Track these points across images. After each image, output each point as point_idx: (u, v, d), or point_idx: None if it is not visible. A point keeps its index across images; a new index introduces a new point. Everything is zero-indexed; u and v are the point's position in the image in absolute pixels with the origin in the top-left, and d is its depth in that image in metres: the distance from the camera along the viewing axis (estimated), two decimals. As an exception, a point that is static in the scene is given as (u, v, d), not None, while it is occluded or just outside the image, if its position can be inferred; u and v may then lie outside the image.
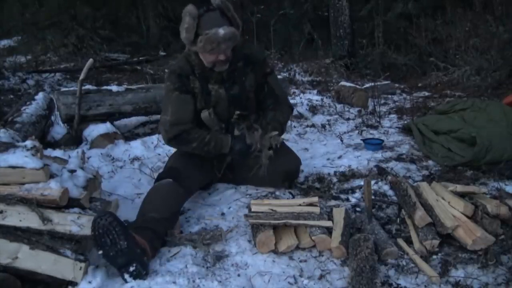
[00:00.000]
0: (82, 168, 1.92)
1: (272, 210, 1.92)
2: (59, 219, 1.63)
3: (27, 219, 1.60)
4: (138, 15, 9.61)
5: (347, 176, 2.54)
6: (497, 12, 5.85)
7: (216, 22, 1.98)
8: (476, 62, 5.31)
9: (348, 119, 3.94)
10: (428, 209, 1.91)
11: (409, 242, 1.85)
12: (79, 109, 3.20)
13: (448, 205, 1.93)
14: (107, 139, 3.06)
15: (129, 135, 3.45)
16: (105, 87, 3.56)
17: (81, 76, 3.24)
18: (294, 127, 3.60)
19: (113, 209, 2.02)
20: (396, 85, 5.60)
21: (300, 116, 3.92)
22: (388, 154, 2.90)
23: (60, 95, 3.29)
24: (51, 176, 1.74)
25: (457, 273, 1.65)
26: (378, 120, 3.78)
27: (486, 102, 3.25)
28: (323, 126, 3.66)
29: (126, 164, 2.80)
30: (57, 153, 2.39)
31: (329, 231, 1.84)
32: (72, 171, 1.83)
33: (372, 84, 4.69)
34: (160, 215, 1.85)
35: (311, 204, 1.98)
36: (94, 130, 3.13)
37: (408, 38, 6.92)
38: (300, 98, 4.57)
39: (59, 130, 3.34)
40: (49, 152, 2.48)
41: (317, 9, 9.55)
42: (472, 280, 1.60)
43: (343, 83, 4.94)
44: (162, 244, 1.84)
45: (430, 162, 2.74)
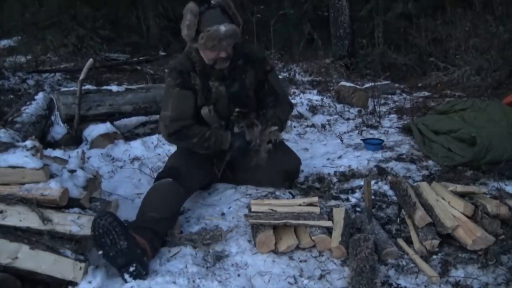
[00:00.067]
0: (82, 168, 1.92)
1: (272, 210, 1.92)
2: (59, 219, 1.63)
3: (27, 219, 1.60)
4: (138, 15, 9.61)
5: (347, 176, 2.54)
6: (497, 12, 5.85)
7: (217, 19, 1.99)
8: (476, 62, 5.31)
9: (348, 119, 3.94)
10: (428, 209, 1.91)
11: (409, 242, 1.85)
12: (79, 109, 3.20)
13: (448, 205, 1.93)
14: (107, 139, 3.06)
15: (129, 135, 3.44)
16: (105, 87, 3.56)
17: (81, 76, 3.24)
18: (294, 127, 3.60)
19: (113, 209, 2.02)
20: (396, 85, 5.60)
21: (300, 116, 3.92)
22: (388, 154, 2.90)
23: (60, 95, 3.29)
24: (51, 176, 1.74)
25: (457, 273, 1.65)
26: (378, 120, 3.78)
27: (486, 102, 3.25)
28: (323, 126, 3.66)
29: (126, 164, 2.80)
30: (57, 153, 2.38)
31: (329, 231, 1.84)
32: (72, 171, 1.82)
33: (372, 84, 4.69)
34: (160, 215, 1.85)
35: (311, 204, 1.98)
36: (94, 130, 3.13)
37: (408, 38, 6.91)
38: (300, 98, 4.57)
39: (59, 130, 3.34)
40: (49, 152, 2.48)
41: (317, 9, 9.54)
42: (472, 280, 1.60)
43: (343, 83, 4.94)
44: (162, 244, 1.84)
45: (430, 162, 2.74)
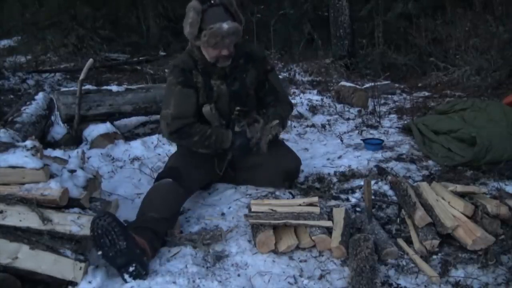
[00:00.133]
0: (82, 168, 1.92)
1: (272, 210, 1.92)
2: (59, 219, 1.63)
3: (27, 219, 1.60)
4: (138, 15, 9.60)
5: (347, 176, 2.54)
6: (497, 12, 5.84)
7: (220, 17, 2.01)
8: (476, 62, 5.31)
9: (348, 119, 3.94)
10: (428, 209, 1.91)
11: (409, 242, 1.85)
12: (79, 109, 3.20)
13: (448, 205, 1.92)
14: (107, 139, 3.06)
15: (129, 135, 3.44)
16: (105, 87, 3.56)
17: (81, 76, 3.24)
18: (294, 127, 3.60)
19: (113, 209, 2.02)
20: (396, 85, 5.60)
21: (300, 116, 3.92)
22: (388, 154, 2.90)
23: (60, 95, 3.29)
24: (51, 176, 1.74)
25: (457, 273, 1.65)
26: (378, 120, 3.78)
27: (486, 102, 3.25)
28: (323, 126, 3.66)
29: (126, 164, 2.80)
30: (57, 153, 2.39)
31: (329, 231, 1.84)
32: (72, 171, 1.83)
33: (372, 84, 4.69)
34: (160, 215, 1.85)
35: (311, 204, 1.98)
36: (94, 130, 3.13)
37: (408, 38, 6.91)
38: (300, 98, 4.57)
39: (59, 130, 3.34)
40: (49, 152, 2.48)
41: (317, 9, 9.54)
42: (472, 280, 1.60)
43: (343, 83, 4.94)
44: (162, 244, 1.84)
45: (430, 162, 2.74)
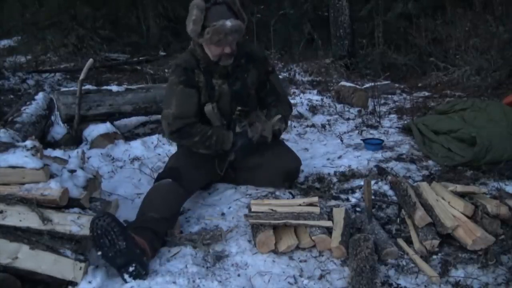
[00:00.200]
0: (82, 168, 1.92)
1: (272, 210, 1.92)
2: (59, 219, 1.63)
3: (27, 219, 1.60)
4: (138, 15, 9.60)
5: (347, 176, 2.54)
6: (497, 12, 5.84)
7: (223, 15, 2.02)
8: (476, 62, 5.31)
9: (348, 119, 3.94)
10: (428, 209, 1.91)
11: (409, 242, 1.85)
12: (79, 109, 3.20)
13: (448, 205, 1.92)
14: (107, 139, 3.06)
15: (129, 135, 3.44)
16: (105, 87, 3.56)
17: (81, 76, 3.24)
18: (294, 127, 3.60)
19: (113, 209, 2.02)
20: (396, 85, 5.60)
21: (300, 116, 3.92)
22: (388, 154, 2.90)
23: (60, 95, 3.29)
24: (51, 176, 1.74)
25: (457, 273, 1.65)
26: (378, 120, 3.78)
27: (486, 102, 3.25)
28: (323, 126, 3.66)
29: (126, 164, 2.80)
30: (57, 153, 2.38)
31: (329, 231, 1.84)
32: (72, 171, 1.82)
33: (372, 84, 4.69)
34: (160, 215, 1.85)
35: (311, 204, 1.98)
36: (94, 130, 3.13)
37: (408, 38, 6.91)
38: (300, 98, 4.57)
39: (59, 130, 3.34)
40: (49, 152, 2.48)
41: (317, 9, 9.54)
42: (472, 280, 1.60)
43: (343, 83, 4.94)
44: (162, 244, 1.84)
45: (430, 162, 2.74)
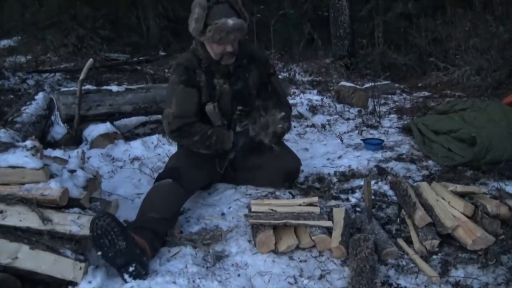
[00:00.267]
0: (82, 168, 1.92)
1: (272, 210, 1.92)
2: (59, 219, 1.63)
3: (27, 219, 1.60)
4: (138, 15, 9.60)
5: (347, 176, 2.54)
6: (497, 12, 5.84)
7: (225, 13, 2.03)
8: (476, 62, 5.31)
9: (348, 119, 3.94)
10: (428, 209, 1.91)
11: (409, 242, 1.85)
12: (79, 109, 3.20)
13: (448, 205, 1.92)
14: (107, 139, 3.06)
15: (129, 135, 3.44)
16: (105, 87, 3.56)
17: (81, 76, 3.24)
18: (294, 127, 3.60)
19: (113, 209, 2.02)
20: (396, 85, 5.60)
21: (300, 116, 3.92)
22: (388, 154, 2.90)
23: (60, 95, 3.29)
24: (51, 176, 1.74)
25: (457, 273, 1.65)
26: (378, 120, 3.78)
27: (486, 102, 3.25)
28: (323, 126, 3.66)
29: (126, 164, 2.80)
30: (57, 153, 2.39)
31: (329, 231, 1.84)
32: (72, 171, 1.82)
33: (372, 84, 4.69)
34: (160, 215, 1.85)
35: (311, 204, 1.98)
36: (94, 130, 3.13)
37: (408, 38, 6.91)
38: (300, 98, 4.57)
39: (59, 130, 3.34)
40: (49, 152, 2.48)
41: (317, 9, 9.54)
42: (472, 280, 1.60)
43: (343, 83, 4.94)
44: (162, 244, 1.84)
45: (430, 162, 2.74)
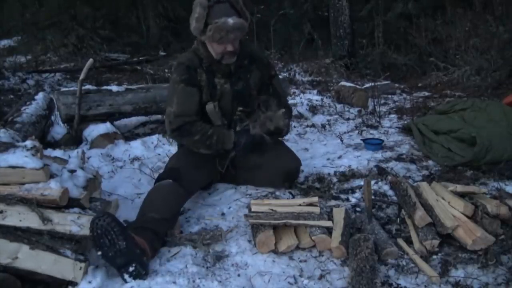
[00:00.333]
0: (82, 168, 1.92)
1: (272, 210, 1.92)
2: (59, 219, 1.63)
3: (27, 219, 1.60)
4: (138, 15, 9.60)
5: (347, 176, 2.54)
6: (497, 12, 5.85)
7: (225, 12, 2.04)
8: (476, 62, 5.31)
9: (348, 119, 3.94)
10: (428, 209, 1.91)
11: (409, 242, 1.85)
12: (79, 109, 3.20)
13: (448, 205, 1.92)
14: (107, 139, 3.06)
15: (129, 135, 3.44)
16: (105, 87, 3.56)
17: (81, 76, 3.24)
18: (294, 127, 3.60)
19: (113, 209, 2.02)
20: (396, 85, 5.60)
21: (300, 116, 3.92)
22: (388, 154, 2.90)
23: (60, 95, 3.29)
24: (51, 176, 1.74)
25: (457, 273, 1.65)
26: (378, 120, 3.78)
27: (486, 102, 3.25)
28: (323, 126, 3.66)
29: (126, 164, 2.80)
30: (57, 153, 2.39)
31: (329, 231, 1.84)
32: (72, 171, 1.82)
33: (372, 84, 4.69)
34: (161, 216, 1.85)
35: (311, 204, 1.98)
36: (94, 130, 3.13)
37: (408, 38, 6.91)
38: (300, 98, 4.57)
39: (59, 130, 3.34)
40: (49, 152, 2.48)
41: (317, 9, 9.54)
42: (472, 280, 1.60)
43: (343, 83, 4.94)
44: (162, 244, 1.83)
45: (430, 162, 2.74)
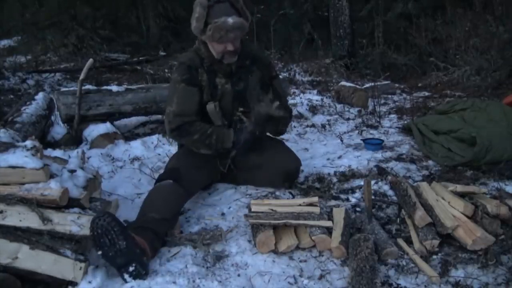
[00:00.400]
0: (82, 168, 1.92)
1: (272, 210, 1.92)
2: (59, 219, 1.63)
3: (27, 219, 1.60)
4: (138, 15, 9.60)
5: (347, 176, 2.54)
6: (497, 12, 5.85)
7: (225, 12, 2.04)
8: (476, 62, 5.31)
9: (348, 119, 3.94)
10: (428, 209, 1.91)
11: (409, 242, 1.85)
12: (79, 109, 3.20)
13: (448, 205, 1.92)
14: (107, 139, 3.06)
15: (129, 135, 3.44)
16: (105, 87, 3.56)
17: (81, 76, 3.24)
18: (294, 127, 3.60)
19: (113, 209, 2.02)
20: (396, 85, 5.60)
21: (300, 116, 3.92)
22: (388, 154, 2.90)
23: (60, 95, 3.29)
24: (51, 176, 1.74)
25: (457, 273, 1.65)
26: (378, 120, 3.78)
27: (486, 102, 3.25)
28: (323, 126, 3.66)
29: (126, 164, 2.80)
30: (57, 153, 2.39)
31: (329, 231, 1.84)
32: (72, 171, 1.82)
33: (372, 84, 4.69)
34: (161, 216, 1.86)
35: (311, 204, 1.98)
36: (94, 130, 3.13)
37: (408, 38, 6.91)
38: (300, 98, 4.57)
39: (59, 130, 3.34)
40: (49, 152, 2.48)
41: (317, 9, 9.55)
42: (472, 280, 1.60)
43: (343, 83, 4.94)
44: (162, 244, 1.84)
45: (430, 162, 2.74)
